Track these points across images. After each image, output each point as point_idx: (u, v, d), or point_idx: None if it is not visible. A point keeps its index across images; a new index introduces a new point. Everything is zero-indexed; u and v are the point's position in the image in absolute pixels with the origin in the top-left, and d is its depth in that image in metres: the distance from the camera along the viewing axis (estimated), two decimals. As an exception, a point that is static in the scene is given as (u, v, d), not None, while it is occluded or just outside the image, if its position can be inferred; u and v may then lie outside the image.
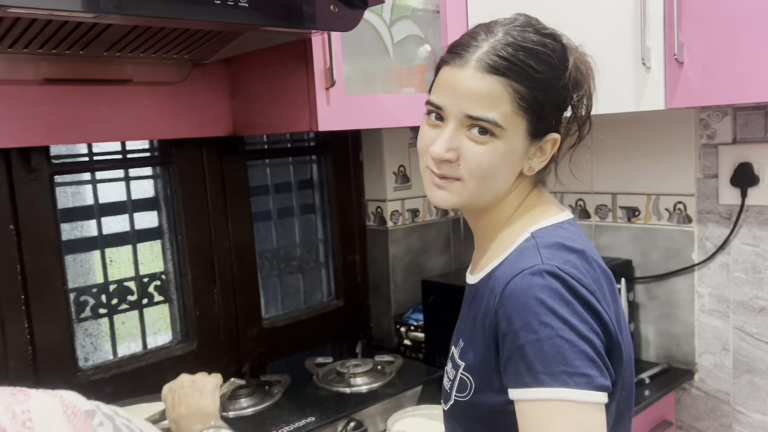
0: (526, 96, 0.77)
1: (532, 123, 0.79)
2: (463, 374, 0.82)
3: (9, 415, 0.56)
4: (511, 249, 0.81)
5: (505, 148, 0.78)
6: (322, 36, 1.30)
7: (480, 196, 0.81)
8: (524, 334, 0.71)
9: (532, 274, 0.73)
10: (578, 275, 0.74)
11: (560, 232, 0.80)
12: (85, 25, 1.07)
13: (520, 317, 0.72)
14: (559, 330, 0.70)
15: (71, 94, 1.36)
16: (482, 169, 0.78)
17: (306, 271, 1.97)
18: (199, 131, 1.57)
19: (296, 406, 1.45)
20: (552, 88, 0.79)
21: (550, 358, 0.70)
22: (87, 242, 1.53)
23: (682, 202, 1.66)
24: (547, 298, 0.71)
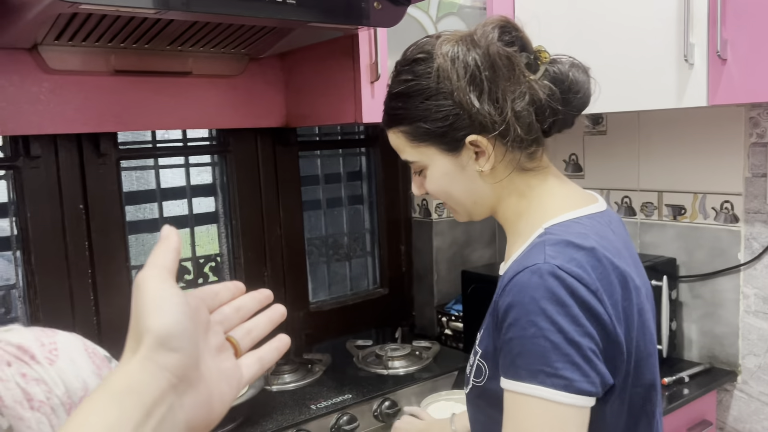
0: (413, 131, 0.85)
1: (439, 142, 0.84)
2: (480, 360, 0.85)
3: (38, 344, 0.64)
4: (526, 244, 0.82)
5: (437, 173, 0.87)
6: (369, 32, 1.36)
7: (468, 209, 0.90)
8: (513, 330, 0.74)
9: (532, 273, 0.74)
10: (580, 274, 0.74)
11: (574, 228, 0.81)
12: (149, 21, 1.16)
13: (513, 313, 0.75)
14: (546, 331, 0.72)
15: (137, 84, 1.47)
16: (438, 194, 0.89)
17: (353, 259, 2.04)
18: (255, 122, 1.67)
19: (335, 383, 1.52)
20: (429, 109, 0.83)
21: (531, 357, 0.72)
22: (148, 224, 1.65)
23: (729, 201, 1.64)
24: (541, 299, 0.73)
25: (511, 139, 0.81)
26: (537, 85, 0.81)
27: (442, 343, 1.87)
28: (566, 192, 0.88)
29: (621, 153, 1.81)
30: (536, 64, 0.83)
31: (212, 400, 0.45)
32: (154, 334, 0.42)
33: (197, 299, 0.48)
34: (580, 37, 1.50)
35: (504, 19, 0.84)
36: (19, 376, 0.61)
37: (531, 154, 0.86)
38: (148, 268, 0.45)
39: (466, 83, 0.80)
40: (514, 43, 0.82)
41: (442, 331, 1.93)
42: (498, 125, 0.80)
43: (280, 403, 1.45)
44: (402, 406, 1.46)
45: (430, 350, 1.71)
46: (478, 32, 0.82)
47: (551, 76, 0.83)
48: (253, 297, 0.56)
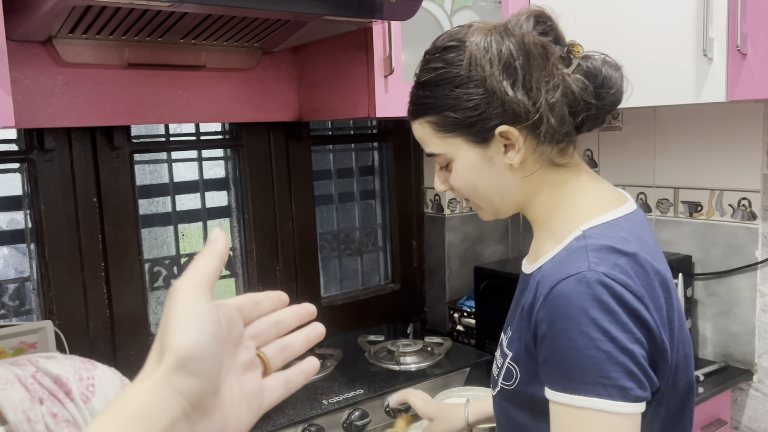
0: (440, 120, 0.83)
1: (467, 133, 0.82)
2: (510, 364, 0.84)
3: (76, 377, 0.63)
4: (562, 244, 0.80)
5: (464, 166, 0.84)
6: (383, 25, 1.35)
7: (495, 205, 0.87)
8: (562, 341, 0.72)
9: (578, 281, 0.72)
10: (626, 281, 0.73)
11: (614, 232, 0.78)
12: (163, 13, 1.16)
13: (560, 323, 0.72)
14: (598, 341, 0.70)
15: (151, 78, 1.47)
16: (465, 190, 0.87)
17: (364, 254, 2.03)
18: (268, 116, 1.66)
19: (347, 378, 1.52)
20: (459, 98, 0.81)
21: (585, 369, 0.71)
22: (161, 217, 1.65)
23: (746, 198, 1.61)
24: (590, 308, 0.71)
25: (543, 131, 0.79)
26: (570, 78, 0.80)
27: (454, 339, 1.86)
28: (599, 190, 0.86)
29: (636, 149, 1.79)
30: (569, 58, 0.81)
31: (227, 428, 0.42)
32: (176, 354, 0.39)
33: (233, 310, 0.45)
34: (596, 31, 1.48)
35: (539, 9, 0.82)
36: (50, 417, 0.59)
37: (562, 149, 0.83)
38: (185, 276, 0.42)
39: (500, 71, 0.78)
40: (548, 34, 0.81)
41: (453, 327, 1.92)
42: (531, 115, 0.78)
43: (291, 397, 1.44)
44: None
45: (442, 346, 1.70)
46: (512, 21, 0.81)
47: (584, 71, 0.81)
48: (294, 311, 0.51)
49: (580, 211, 0.82)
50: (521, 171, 0.83)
